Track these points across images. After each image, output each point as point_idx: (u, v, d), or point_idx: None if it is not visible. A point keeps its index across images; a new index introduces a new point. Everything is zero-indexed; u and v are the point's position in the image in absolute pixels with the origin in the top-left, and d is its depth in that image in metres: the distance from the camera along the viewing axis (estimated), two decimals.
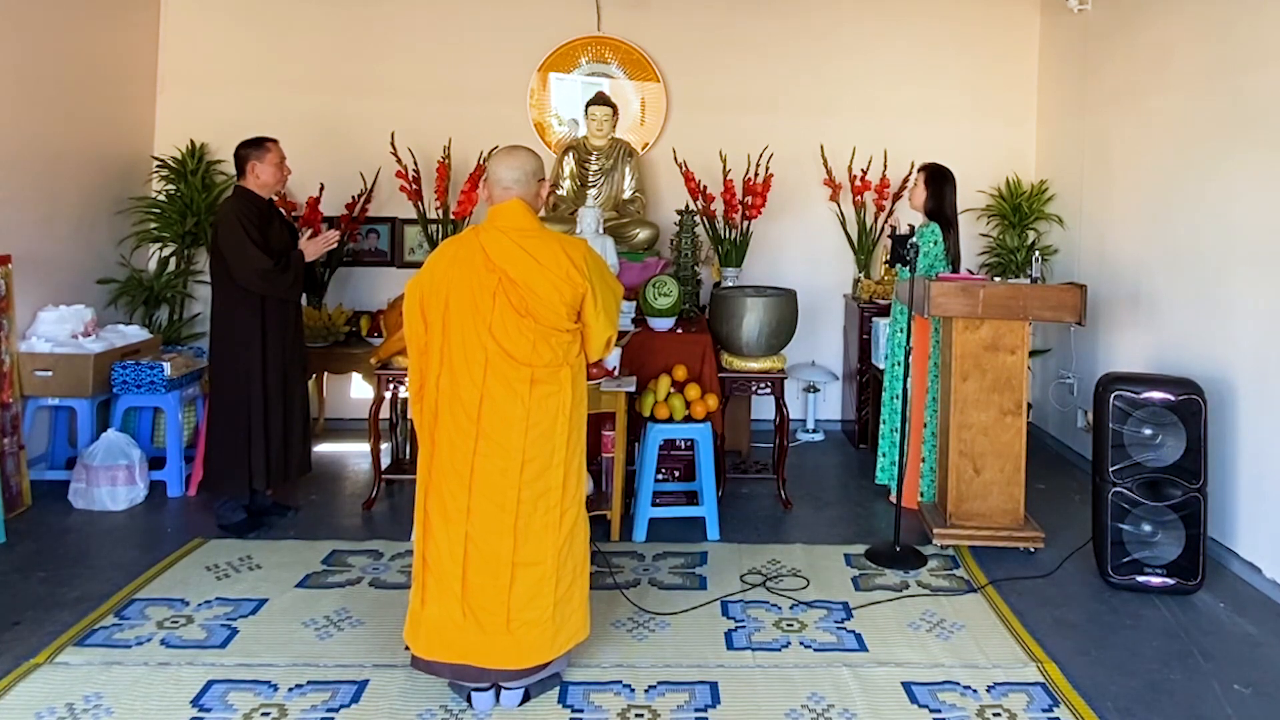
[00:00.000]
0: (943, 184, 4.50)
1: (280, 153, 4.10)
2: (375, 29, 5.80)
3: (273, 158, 4.05)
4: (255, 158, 4.03)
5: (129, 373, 4.48)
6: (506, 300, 2.63)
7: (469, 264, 2.66)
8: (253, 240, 3.86)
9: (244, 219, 3.89)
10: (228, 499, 3.99)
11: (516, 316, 2.63)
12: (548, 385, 2.67)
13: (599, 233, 4.72)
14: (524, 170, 2.77)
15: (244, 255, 3.85)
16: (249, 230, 3.87)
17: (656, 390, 4.16)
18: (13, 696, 2.66)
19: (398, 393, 4.57)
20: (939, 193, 4.49)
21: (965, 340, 3.93)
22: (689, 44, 5.93)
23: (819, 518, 4.38)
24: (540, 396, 2.65)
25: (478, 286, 2.64)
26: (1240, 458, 3.80)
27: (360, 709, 2.66)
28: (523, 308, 2.63)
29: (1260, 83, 3.79)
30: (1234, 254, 3.92)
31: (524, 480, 2.64)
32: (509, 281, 2.64)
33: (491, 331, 2.62)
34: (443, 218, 5.32)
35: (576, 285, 2.68)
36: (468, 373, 2.63)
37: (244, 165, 4.04)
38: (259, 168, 4.03)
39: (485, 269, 2.64)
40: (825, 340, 6.01)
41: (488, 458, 2.62)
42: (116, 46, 5.31)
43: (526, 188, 2.76)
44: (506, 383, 2.63)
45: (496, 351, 2.62)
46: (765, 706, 2.71)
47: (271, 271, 3.89)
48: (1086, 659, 3.04)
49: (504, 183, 2.75)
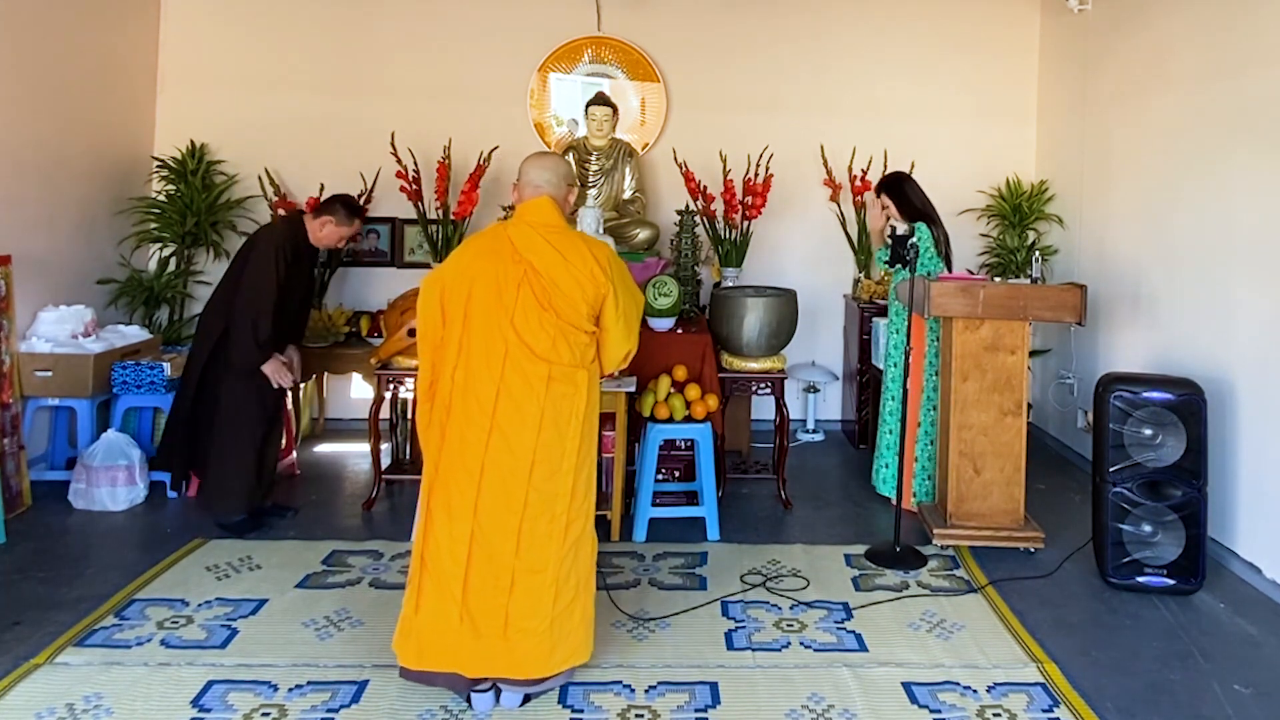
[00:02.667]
0: (899, 188, 4.56)
1: (356, 230, 4.27)
2: (375, 29, 5.80)
3: (346, 231, 4.19)
4: (337, 220, 4.14)
5: (129, 373, 4.49)
6: (530, 291, 2.66)
7: (495, 255, 2.70)
8: (276, 283, 3.91)
9: (281, 252, 3.94)
10: (227, 513, 4.00)
11: (539, 309, 2.65)
12: (564, 385, 2.67)
13: (599, 233, 4.71)
14: (556, 173, 2.85)
15: (256, 300, 3.89)
16: (278, 266, 3.92)
17: (656, 390, 4.16)
18: (13, 696, 2.66)
19: (398, 393, 4.58)
20: (901, 197, 4.54)
21: (965, 340, 3.93)
22: (689, 44, 5.93)
23: (819, 518, 4.38)
24: (556, 395, 2.66)
25: (503, 276, 2.67)
26: (1240, 458, 3.80)
27: (360, 709, 2.66)
28: (545, 300, 2.66)
29: (1260, 83, 3.79)
30: (1234, 254, 3.92)
31: (533, 482, 2.63)
32: (534, 272, 2.67)
33: (513, 322, 2.64)
34: (443, 218, 5.32)
35: (599, 284, 2.70)
36: (486, 365, 2.64)
37: (326, 211, 4.14)
38: (329, 227, 4.13)
39: (512, 260, 2.68)
40: (825, 340, 6.01)
41: (499, 453, 2.62)
42: (116, 46, 5.31)
43: (557, 189, 2.84)
44: (524, 377, 2.63)
45: (517, 343, 2.63)
46: (765, 707, 2.71)
47: (262, 335, 3.89)
48: (1087, 659, 3.04)
49: (535, 182, 2.81)
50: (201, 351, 4.07)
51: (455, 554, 2.61)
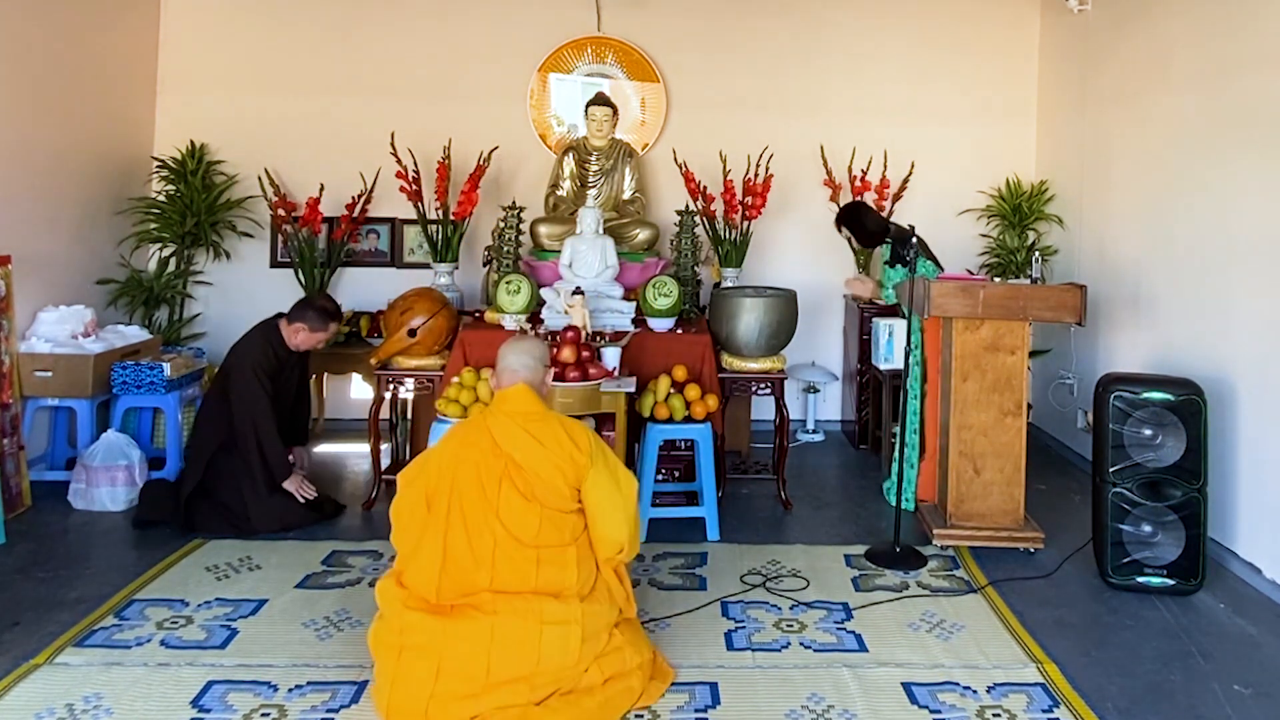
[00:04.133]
0: (854, 218, 4.61)
1: (333, 334, 4.31)
2: (375, 29, 5.80)
3: (321, 337, 4.22)
4: (311, 327, 4.17)
5: (129, 373, 4.49)
6: (513, 485, 2.71)
7: (477, 446, 2.76)
8: (265, 394, 4.01)
9: (259, 370, 4.02)
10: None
11: (523, 501, 2.70)
12: (551, 568, 2.69)
13: (599, 233, 4.72)
14: (533, 356, 2.93)
15: (252, 418, 3.97)
16: (262, 383, 4.02)
17: (656, 391, 4.15)
18: (13, 697, 2.66)
19: (397, 393, 4.58)
20: (858, 226, 4.60)
21: (965, 340, 3.93)
22: (689, 44, 5.93)
23: (819, 518, 4.38)
24: (545, 580, 2.67)
25: (485, 471, 2.72)
26: (1240, 458, 3.80)
27: (360, 709, 2.66)
28: (529, 492, 2.71)
29: (1260, 83, 3.79)
30: (1234, 254, 3.92)
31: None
32: (515, 466, 2.73)
33: (499, 515, 2.68)
34: (443, 218, 5.32)
35: (579, 465, 2.76)
36: (474, 559, 2.65)
37: (298, 317, 4.16)
38: (303, 334, 4.17)
39: (493, 454, 2.74)
40: (825, 341, 6.02)
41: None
42: (116, 47, 5.31)
43: (534, 373, 2.90)
44: (513, 564, 2.66)
45: (504, 535, 2.67)
46: (765, 707, 2.71)
47: (271, 449, 3.99)
48: (1086, 660, 3.04)
49: (513, 367, 2.89)
50: (202, 453, 4.05)
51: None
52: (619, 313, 4.56)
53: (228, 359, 4.15)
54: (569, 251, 4.68)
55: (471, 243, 5.62)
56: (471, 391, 4.04)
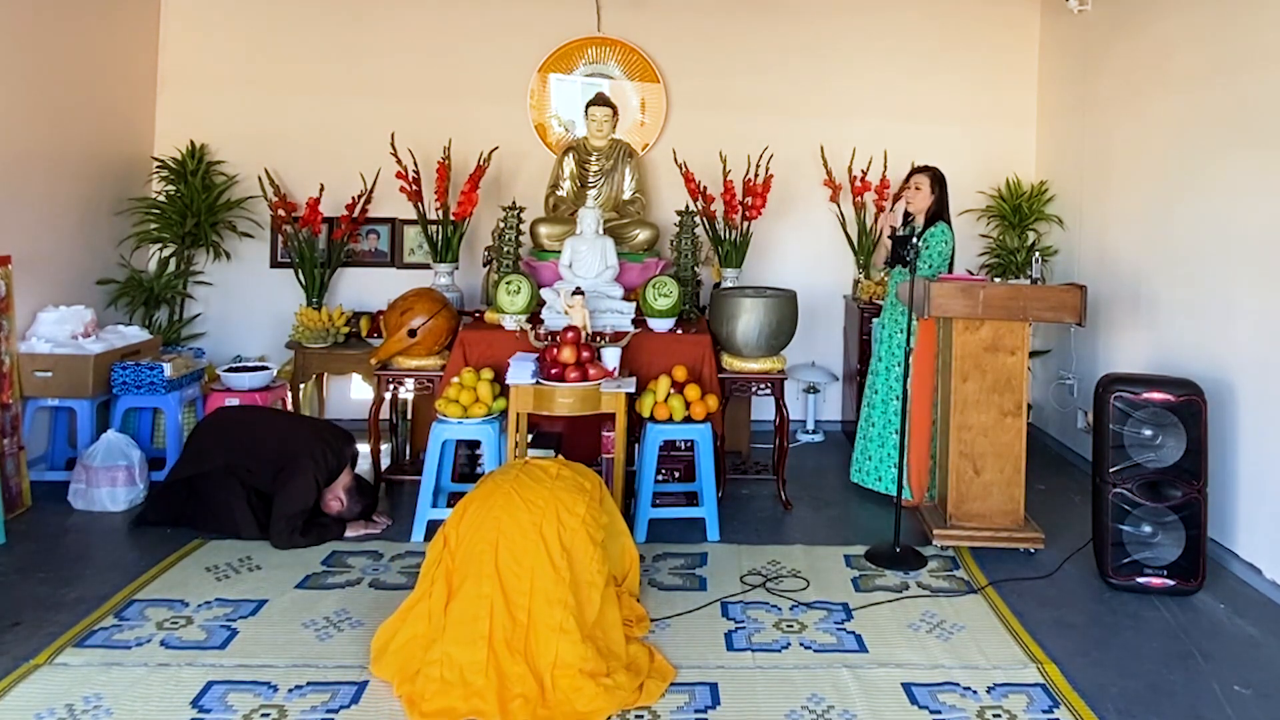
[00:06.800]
0: (944, 187, 4.59)
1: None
2: (375, 29, 5.80)
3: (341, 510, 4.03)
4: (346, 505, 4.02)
5: (129, 373, 4.49)
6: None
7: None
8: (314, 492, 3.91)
9: (319, 478, 3.91)
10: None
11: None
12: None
13: (599, 233, 4.72)
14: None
15: (292, 505, 3.82)
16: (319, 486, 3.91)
17: (656, 391, 4.15)
18: (12, 697, 2.66)
19: (397, 393, 4.58)
20: (943, 196, 4.57)
21: (965, 341, 3.93)
22: (689, 44, 5.93)
23: (819, 518, 4.38)
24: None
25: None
26: (1240, 458, 3.80)
27: (360, 709, 2.66)
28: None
29: (1260, 83, 3.79)
30: (1234, 254, 3.92)
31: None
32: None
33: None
34: (443, 218, 5.32)
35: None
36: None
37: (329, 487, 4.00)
38: (333, 499, 3.99)
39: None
40: (825, 341, 6.01)
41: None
42: (116, 46, 5.31)
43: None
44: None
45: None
46: (765, 708, 2.71)
47: (295, 525, 3.83)
48: (1087, 660, 3.04)
49: None
50: (215, 462, 3.97)
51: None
52: (619, 313, 4.56)
53: (293, 447, 3.95)
54: (569, 252, 4.68)
55: (471, 243, 5.62)
56: (471, 392, 4.04)
